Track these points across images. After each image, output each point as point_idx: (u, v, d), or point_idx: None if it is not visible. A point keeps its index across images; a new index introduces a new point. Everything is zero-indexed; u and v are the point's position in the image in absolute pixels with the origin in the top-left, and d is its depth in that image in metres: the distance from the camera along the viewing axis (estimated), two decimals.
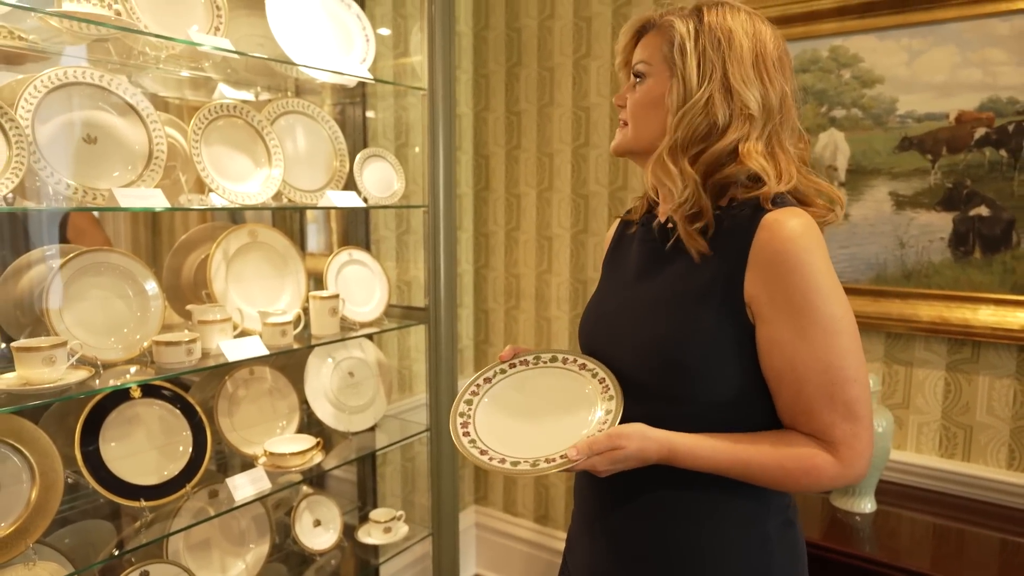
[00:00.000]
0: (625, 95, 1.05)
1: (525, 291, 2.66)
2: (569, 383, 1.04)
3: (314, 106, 1.87)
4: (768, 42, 0.97)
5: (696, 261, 0.96)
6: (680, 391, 0.95)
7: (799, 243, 0.88)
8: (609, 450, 0.90)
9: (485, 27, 2.63)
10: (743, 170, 0.93)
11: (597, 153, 2.42)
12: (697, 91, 0.94)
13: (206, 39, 1.49)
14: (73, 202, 1.37)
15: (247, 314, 1.70)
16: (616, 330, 1.05)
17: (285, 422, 1.88)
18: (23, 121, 1.29)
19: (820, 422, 0.90)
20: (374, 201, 1.88)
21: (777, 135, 0.97)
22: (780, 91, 0.96)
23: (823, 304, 0.88)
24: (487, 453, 0.96)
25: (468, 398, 1.05)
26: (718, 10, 0.98)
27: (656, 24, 1.01)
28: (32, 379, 1.25)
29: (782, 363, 0.90)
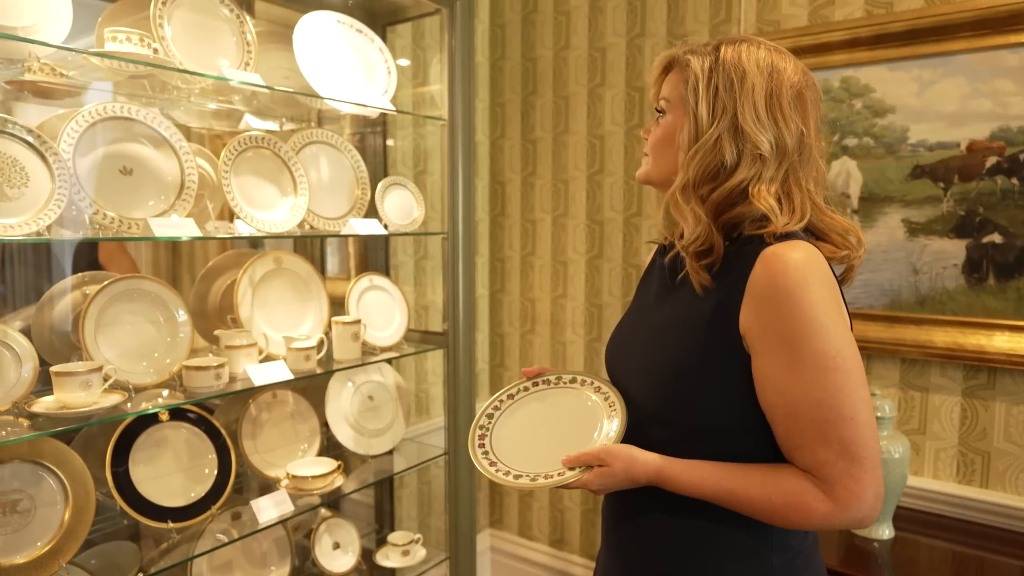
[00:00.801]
0: (650, 128, 1.08)
1: (540, 315, 2.69)
2: (583, 404, 1.08)
3: (338, 136, 1.93)
4: (785, 80, 0.96)
5: (699, 293, 0.97)
6: (677, 417, 0.97)
7: (793, 277, 0.88)
8: (598, 466, 0.94)
9: (501, 57, 2.69)
10: (753, 210, 0.94)
11: (612, 180, 2.47)
12: (707, 130, 0.96)
13: (238, 74, 1.55)
14: (110, 231, 1.42)
15: (272, 339, 1.74)
16: (628, 354, 1.10)
17: (306, 445, 1.91)
18: (65, 155, 1.35)
19: (813, 459, 0.89)
20: (395, 228, 1.92)
21: (794, 173, 0.97)
22: (796, 131, 0.96)
23: (815, 340, 0.87)
24: (495, 465, 1.02)
25: (490, 412, 1.10)
26: (736, 47, 0.98)
27: (679, 61, 1.03)
28: (69, 403, 1.29)
29: (773, 397, 0.91)
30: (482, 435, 1.07)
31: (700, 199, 0.97)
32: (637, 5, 2.36)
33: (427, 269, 2.52)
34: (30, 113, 1.52)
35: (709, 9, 2.22)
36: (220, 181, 1.59)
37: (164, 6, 1.50)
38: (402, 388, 2.13)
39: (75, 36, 1.42)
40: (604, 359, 1.16)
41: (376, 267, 2.25)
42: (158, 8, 1.48)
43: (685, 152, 0.98)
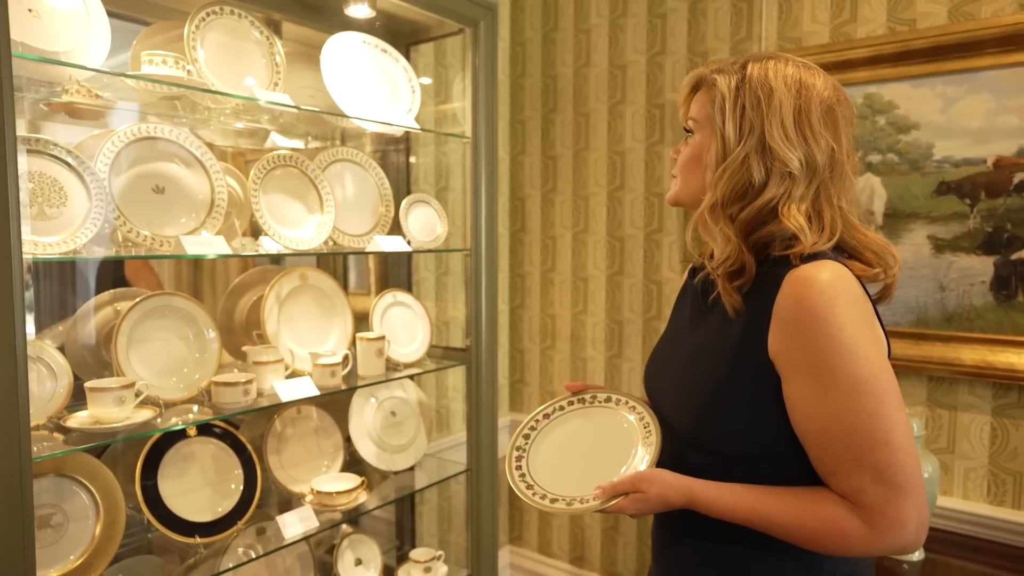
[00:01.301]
0: (679, 148, 1.08)
1: (560, 331, 2.69)
2: (619, 424, 1.08)
3: (363, 154, 1.96)
4: (815, 97, 0.94)
5: (731, 316, 0.96)
6: (712, 442, 0.96)
7: (819, 299, 0.86)
8: (633, 492, 0.93)
9: (522, 75, 2.72)
10: (783, 229, 0.92)
11: (632, 196, 2.47)
12: (735, 149, 0.94)
13: (268, 95, 1.58)
14: (142, 249, 1.45)
15: (298, 355, 1.76)
16: (663, 378, 1.10)
17: (329, 461, 1.92)
18: (101, 174, 1.38)
19: (848, 484, 0.87)
20: (418, 245, 1.94)
21: (825, 191, 0.95)
22: (827, 147, 0.94)
23: (845, 363, 0.85)
24: (532, 488, 1.02)
25: (526, 432, 1.11)
26: (762, 65, 0.96)
27: (706, 81, 1.02)
28: (102, 418, 1.31)
29: (805, 422, 0.89)
30: (519, 456, 1.08)
31: (729, 219, 0.95)
32: (657, 23, 2.38)
33: (448, 285, 2.53)
34: (58, 132, 1.55)
35: (730, 27, 2.23)
36: (249, 199, 1.61)
37: (197, 29, 1.53)
38: (424, 404, 2.14)
39: (107, 56, 1.45)
40: (643, 382, 1.17)
41: (398, 283, 2.26)
42: (192, 31, 1.52)
43: (713, 171, 0.97)
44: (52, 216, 1.30)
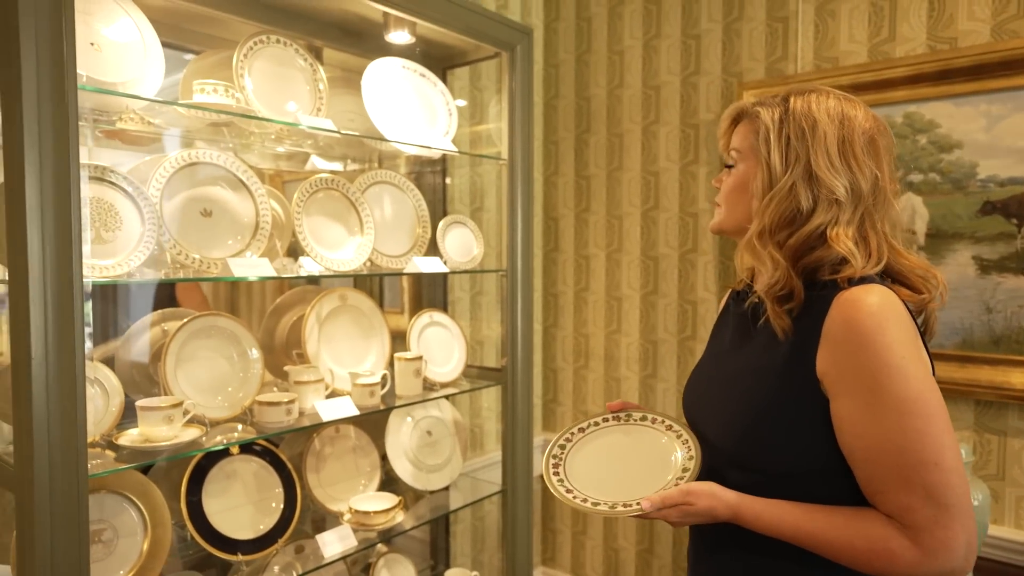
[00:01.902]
0: (721, 178, 1.11)
1: (594, 351, 2.69)
2: (655, 441, 1.13)
3: (401, 176, 1.99)
4: (857, 127, 0.97)
5: (780, 338, 0.98)
6: (755, 461, 0.98)
7: (868, 322, 0.88)
8: (681, 504, 0.96)
9: (555, 96, 2.74)
10: (832, 254, 0.95)
11: (667, 216, 2.47)
12: (782, 178, 0.97)
13: (313, 121, 1.62)
14: (191, 271, 1.49)
15: (337, 374, 1.78)
16: (705, 398, 1.12)
17: (366, 480, 1.94)
18: (154, 199, 1.43)
19: (896, 504, 0.88)
20: (455, 265, 1.96)
21: (870, 217, 0.98)
22: (871, 175, 0.97)
23: (894, 384, 0.87)
24: (572, 492, 1.07)
25: (561, 443, 1.17)
26: (805, 98, 1.00)
27: (748, 113, 1.06)
28: (152, 436, 1.35)
29: (853, 441, 0.90)
30: (556, 463, 1.13)
31: (777, 244, 0.98)
32: (691, 44, 2.39)
33: (483, 304, 2.55)
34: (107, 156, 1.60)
35: (765, 47, 2.23)
36: (292, 221, 1.65)
37: (245, 57, 1.58)
38: (459, 423, 2.14)
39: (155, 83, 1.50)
40: (682, 404, 1.18)
41: (434, 303, 2.29)
42: (240, 59, 1.57)
43: (759, 199, 1.00)
44: (108, 240, 1.34)
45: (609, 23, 2.58)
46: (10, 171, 1.06)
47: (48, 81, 1.04)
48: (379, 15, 1.81)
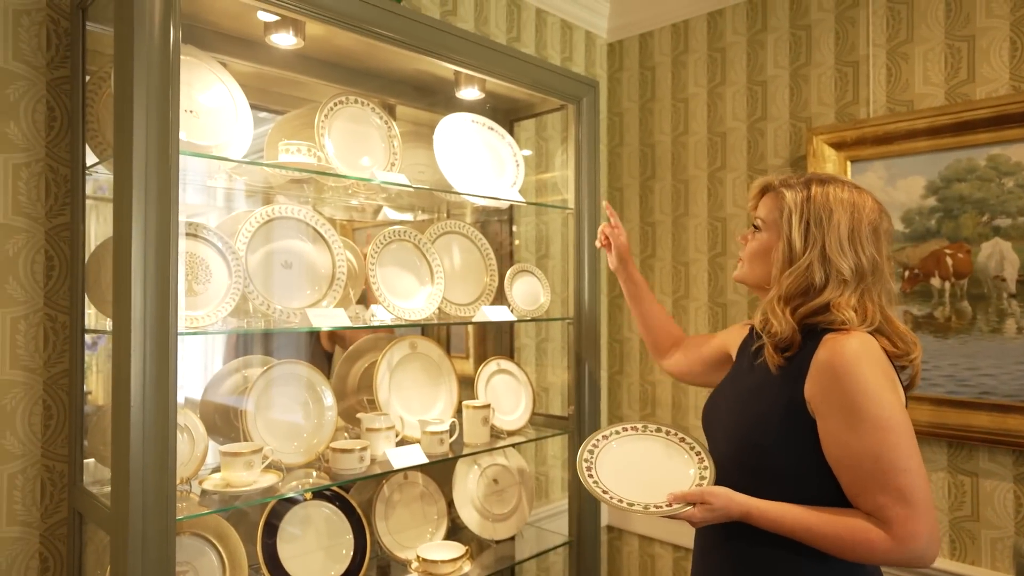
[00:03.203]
0: (747, 236, 1.33)
1: (661, 399, 2.64)
2: (669, 450, 1.34)
3: (470, 227, 2.04)
4: (865, 217, 1.20)
5: (773, 372, 1.21)
6: (754, 463, 1.20)
7: (850, 356, 1.11)
8: (700, 503, 1.16)
9: (620, 144, 2.77)
10: (834, 317, 1.16)
11: (735, 263, 2.42)
12: (800, 257, 1.19)
13: (386, 175, 1.69)
14: (271, 321, 1.55)
15: (407, 422, 1.81)
16: (719, 410, 1.36)
17: (433, 528, 1.94)
18: (240, 252, 1.50)
19: (874, 503, 1.09)
20: (522, 314, 1.98)
21: (868, 291, 1.19)
22: (871, 258, 1.19)
23: (871, 405, 1.08)
24: (608, 493, 1.24)
25: (591, 448, 1.34)
26: (824, 188, 1.22)
27: (775, 189, 1.28)
28: (233, 481, 1.39)
29: (838, 451, 1.12)
30: (588, 467, 1.30)
31: (792, 310, 1.19)
32: (757, 91, 2.38)
33: (548, 351, 2.55)
34: (192, 211, 1.70)
35: (834, 91, 2.20)
36: (364, 271, 1.70)
37: (326, 118, 1.67)
38: (525, 472, 2.13)
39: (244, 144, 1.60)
40: (701, 412, 1.43)
41: (500, 349, 2.30)
42: (321, 120, 1.66)
43: (778, 268, 1.23)
44: (199, 292, 1.42)
45: (673, 71, 2.61)
46: (119, 229, 1.15)
47: (155, 147, 1.13)
48: (450, 73, 1.89)
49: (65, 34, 1.43)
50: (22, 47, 1.38)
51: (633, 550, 2.69)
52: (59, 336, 1.44)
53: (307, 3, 1.38)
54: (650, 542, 2.63)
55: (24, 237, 1.39)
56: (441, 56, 1.67)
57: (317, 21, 1.44)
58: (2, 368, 1.37)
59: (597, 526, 2.05)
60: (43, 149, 1.41)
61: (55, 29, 1.42)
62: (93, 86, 1.42)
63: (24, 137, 1.39)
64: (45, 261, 1.42)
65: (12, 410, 1.38)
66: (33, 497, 1.40)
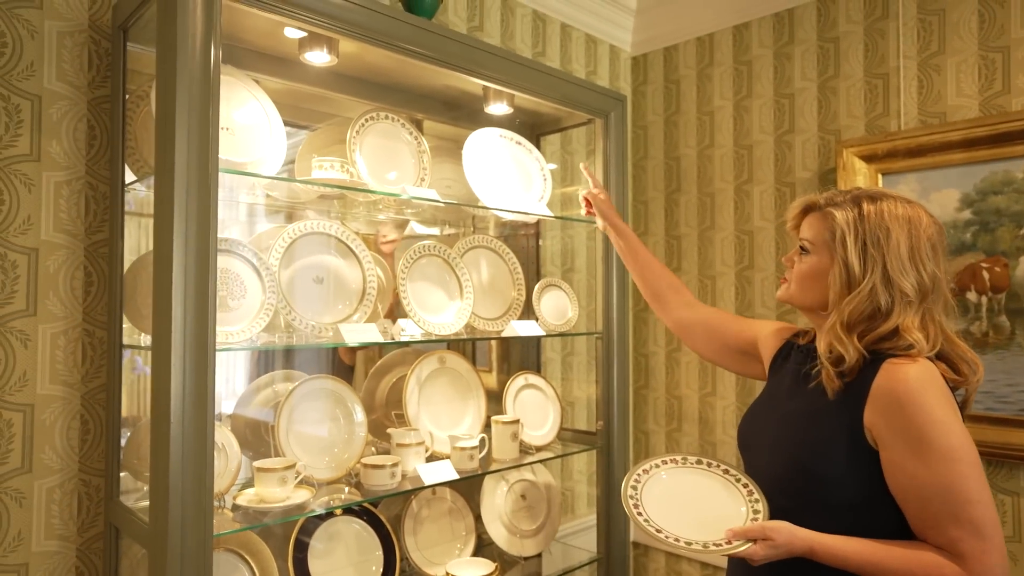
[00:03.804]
0: (792, 258, 1.27)
1: (687, 413, 2.61)
2: (712, 482, 1.28)
3: (498, 241, 2.04)
4: (923, 231, 1.14)
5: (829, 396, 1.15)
6: (803, 489, 1.15)
7: (915, 384, 1.07)
8: (762, 539, 1.10)
9: (644, 157, 2.76)
10: (903, 342, 1.11)
11: (762, 276, 2.41)
12: (861, 281, 1.14)
13: (417, 191, 1.70)
14: (303, 337, 1.56)
15: (436, 437, 1.80)
16: (761, 432, 1.29)
17: (461, 544, 1.92)
18: (274, 268, 1.52)
19: (947, 537, 1.04)
20: (550, 328, 1.97)
21: (930, 311, 1.14)
22: (932, 274, 1.14)
23: (940, 435, 1.04)
24: (662, 532, 1.18)
25: (634, 484, 1.28)
26: (876, 205, 1.16)
27: (820, 208, 1.22)
28: (266, 497, 1.39)
29: (905, 483, 1.07)
30: (635, 503, 1.23)
31: (859, 336, 1.14)
32: (785, 103, 2.37)
33: (573, 365, 2.54)
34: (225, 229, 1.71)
35: (864, 104, 2.19)
36: (397, 287, 1.71)
37: (357, 134, 1.69)
38: (552, 488, 2.11)
39: (278, 160, 1.61)
40: (737, 432, 1.37)
41: (527, 364, 2.29)
42: (353, 136, 1.67)
43: (836, 293, 1.17)
44: (233, 307, 1.43)
45: (698, 84, 2.60)
46: (160, 245, 1.16)
47: (196, 165, 1.14)
48: (477, 88, 1.89)
49: (105, 54, 1.46)
50: (65, 68, 1.41)
51: (660, 567, 2.65)
52: (96, 351, 1.45)
53: (343, 21, 1.40)
54: (677, 559, 2.60)
55: (64, 254, 1.41)
56: (473, 72, 1.68)
57: (353, 39, 1.45)
58: (42, 383, 1.38)
59: (626, 543, 2.03)
60: (83, 167, 1.44)
61: (96, 50, 1.45)
62: (132, 105, 1.44)
63: (65, 155, 1.41)
64: (84, 277, 1.44)
65: (51, 425, 1.39)
66: (70, 511, 1.42)
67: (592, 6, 2.56)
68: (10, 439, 1.35)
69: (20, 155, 1.36)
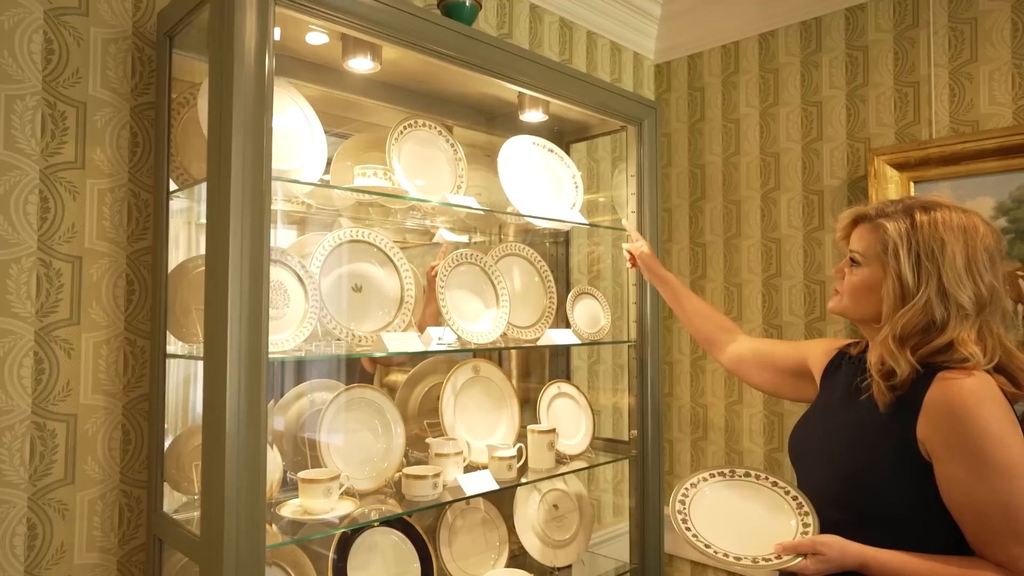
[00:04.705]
0: (843, 269, 1.26)
1: (713, 422, 2.60)
2: (761, 495, 1.27)
3: (530, 249, 2.03)
4: (979, 242, 1.11)
5: (881, 410, 1.13)
6: (854, 502, 1.14)
7: (969, 399, 1.04)
8: (813, 553, 1.08)
9: (668, 164, 2.76)
10: (958, 355, 1.09)
11: (790, 284, 2.40)
12: (915, 294, 1.12)
13: (458, 199, 1.69)
14: (343, 346, 1.54)
15: (473, 447, 1.79)
16: (813, 443, 1.28)
17: (495, 555, 1.91)
18: (315, 276, 1.50)
19: (1006, 554, 1.02)
20: (583, 336, 1.96)
21: (987, 323, 1.12)
22: (990, 285, 1.11)
23: (996, 450, 1.02)
24: (711, 547, 1.17)
25: (681, 498, 1.27)
26: (930, 215, 1.13)
27: (871, 219, 1.20)
28: (311, 508, 1.38)
29: (961, 499, 1.05)
30: (683, 519, 1.23)
31: (912, 349, 1.12)
32: (812, 111, 2.37)
33: (599, 373, 2.52)
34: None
35: (894, 112, 2.18)
36: (437, 295, 1.70)
37: (396, 141, 1.68)
38: (583, 498, 2.10)
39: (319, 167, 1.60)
40: (788, 443, 1.35)
41: (556, 372, 2.28)
42: (392, 143, 1.66)
43: (890, 306, 1.15)
44: (277, 317, 1.41)
45: (723, 92, 2.60)
46: (213, 254, 1.15)
47: (251, 174, 1.13)
48: (512, 95, 1.89)
49: (148, 61, 1.45)
50: (109, 75, 1.40)
51: None
52: (138, 360, 1.44)
53: (387, 27, 1.38)
54: (703, 569, 2.58)
55: (107, 262, 1.40)
56: (514, 79, 1.67)
57: (396, 45, 1.44)
58: (85, 393, 1.37)
59: (660, 552, 2.01)
60: (126, 175, 1.43)
61: (139, 57, 1.44)
62: (174, 112, 1.43)
63: (109, 163, 1.40)
64: (126, 286, 1.43)
65: (93, 435, 1.38)
66: (112, 523, 1.40)
67: (617, 14, 2.56)
68: (54, 450, 1.33)
69: (65, 162, 1.35)
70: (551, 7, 2.38)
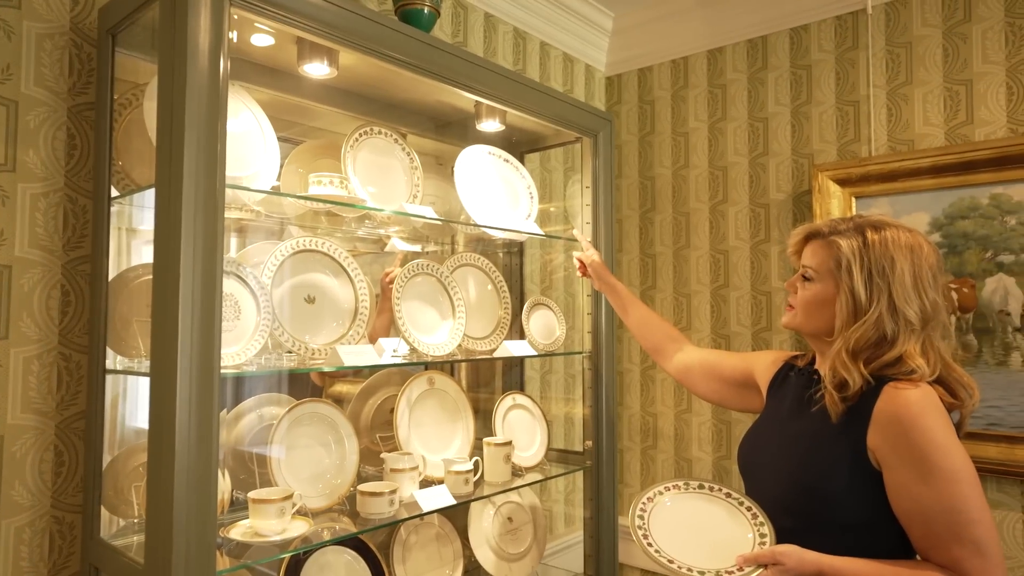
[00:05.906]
0: (795, 284, 1.30)
1: (663, 431, 2.63)
2: (715, 507, 1.28)
3: (485, 259, 2.01)
4: (924, 260, 1.18)
5: (832, 420, 1.18)
6: (806, 509, 1.18)
7: (916, 408, 1.10)
8: (773, 564, 1.11)
9: (619, 176, 2.79)
10: (905, 367, 1.15)
11: (738, 295, 2.46)
12: (867, 310, 1.17)
13: (416, 209, 1.66)
14: (296, 358, 1.49)
15: (429, 461, 1.75)
16: (764, 454, 1.31)
17: (450, 570, 1.87)
18: (266, 287, 1.44)
19: (950, 556, 1.07)
20: (539, 347, 1.95)
21: (930, 337, 1.18)
22: (933, 301, 1.18)
23: (941, 457, 1.07)
24: (674, 562, 1.17)
25: (640, 513, 1.27)
26: (880, 233, 1.19)
27: (824, 236, 1.24)
28: (261, 529, 1.31)
29: (909, 504, 1.10)
30: (644, 534, 1.23)
31: (865, 362, 1.16)
32: (759, 127, 2.44)
33: (551, 383, 2.52)
34: None
35: (836, 129, 2.27)
36: (393, 306, 1.66)
37: (351, 149, 1.63)
38: (537, 509, 2.08)
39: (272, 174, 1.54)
40: (737, 455, 1.39)
41: (510, 383, 2.26)
42: (347, 151, 1.62)
43: (842, 320, 1.20)
44: (227, 329, 1.35)
45: (673, 106, 2.65)
46: (162, 264, 1.09)
47: (203, 181, 1.08)
48: (468, 104, 1.87)
49: (88, 59, 1.37)
50: (44, 72, 1.31)
51: None
52: (73, 376, 1.35)
53: (343, 31, 1.35)
54: None
55: (40, 271, 1.31)
56: (473, 89, 1.66)
57: (354, 51, 1.41)
58: (13, 412, 1.27)
59: (614, 563, 2.01)
60: (62, 179, 1.34)
61: (78, 54, 1.36)
62: (115, 114, 1.35)
63: (43, 166, 1.31)
64: (61, 296, 1.34)
65: (22, 458, 1.28)
66: (41, 552, 1.30)
67: (570, 26, 2.58)
68: None
69: None
70: (505, 17, 2.38)
